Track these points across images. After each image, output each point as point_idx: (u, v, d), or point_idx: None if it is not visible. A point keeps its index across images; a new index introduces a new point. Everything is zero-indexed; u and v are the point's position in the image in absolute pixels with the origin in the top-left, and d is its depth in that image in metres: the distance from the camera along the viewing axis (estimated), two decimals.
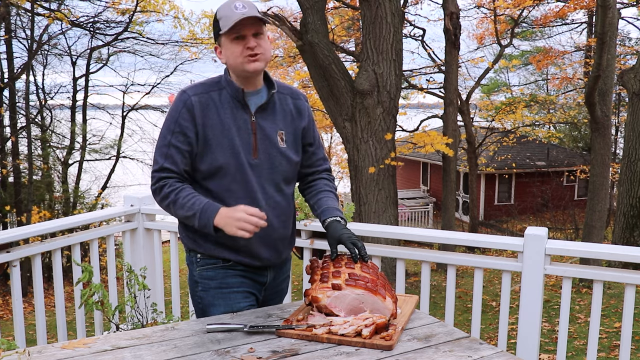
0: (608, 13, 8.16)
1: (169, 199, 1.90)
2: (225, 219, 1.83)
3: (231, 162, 1.91)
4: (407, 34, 14.61)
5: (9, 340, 1.86)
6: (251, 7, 1.89)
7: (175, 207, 1.90)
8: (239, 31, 1.88)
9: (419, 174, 23.55)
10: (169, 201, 1.91)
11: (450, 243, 2.68)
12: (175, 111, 1.93)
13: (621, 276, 2.32)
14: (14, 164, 12.70)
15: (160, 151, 1.93)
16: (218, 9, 1.93)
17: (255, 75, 1.95)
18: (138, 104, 16.71)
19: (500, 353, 1.58)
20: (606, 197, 9.94)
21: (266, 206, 1.98)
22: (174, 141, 1.91)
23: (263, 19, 1.89)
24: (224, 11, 1.90)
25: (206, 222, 1.85)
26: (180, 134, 1.91)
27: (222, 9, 1.91)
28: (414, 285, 9.30)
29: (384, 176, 7.18)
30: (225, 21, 1.88)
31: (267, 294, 2.13)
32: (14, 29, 12.77)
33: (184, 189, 1.90)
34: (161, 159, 1.92)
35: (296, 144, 2.07)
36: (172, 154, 1.91)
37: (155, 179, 1.93)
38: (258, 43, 1.90)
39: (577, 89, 19.21)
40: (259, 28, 1.91)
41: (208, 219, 1.85)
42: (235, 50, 1.90)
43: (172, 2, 13.47)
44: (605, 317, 7.05)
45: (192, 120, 1.91)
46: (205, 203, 1.87)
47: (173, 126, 1.92)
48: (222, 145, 1.91)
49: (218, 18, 1.92)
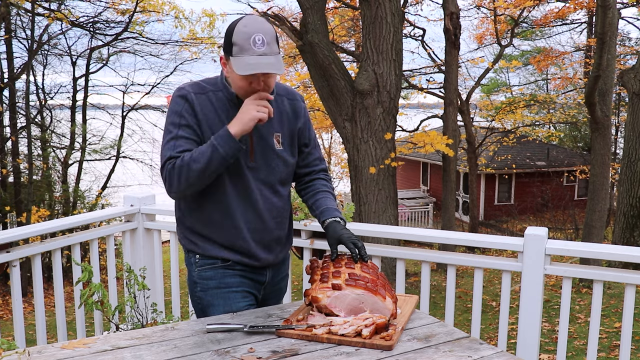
0: (608, 13, 8.16)
1: (183, 167, 1.82)
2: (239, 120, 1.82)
3: (229, 165, 1.88)
4: (407, 34, 14.62)
5: (8, 340, 1.86)
6: (270, 45, 1.79)
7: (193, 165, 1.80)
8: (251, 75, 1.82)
9: (419, 174, 23.55)
10: (185, 167, 1.81)
11: (450, 243, 2.68)
12: (177, 105, 1.90)
13: (621, 276, 2.32)
14: (14, 164, 12.69)
15: (168, 145, 1.88)
16: (235, 31, 1.80)
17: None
18: (138, 104, 16.71)
19: (500, 353, 1.58)
20: (606, 197, 9.94)
21: (263, 208, 1.98)
22: (181, 133, 1.87)
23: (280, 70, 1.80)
24: (240, 39, 1.78)
25: (226, 141, 1.80)
26: (186, 127, 1.88)
27: (240, 35, 1.78)
28: (414, 285, 9.30)
29: (384, 176, 7.18)
30: (240, 53, 1.78)
31: (266, 292, 2.13)
32: (14, 29, 12.77)
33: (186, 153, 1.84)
34: (169, 151, 1.86)
35: (292, 145, 2.06)
36: (180, 144, 1.86)
37: (166, 170, 1.86)
38: (265, 82, 1.85)
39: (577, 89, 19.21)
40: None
41: (226, 137, 1.80)
42: (241, 84, 1.85)
43: (172, 2, 13.48)
44: (605, 317, 7.05)
45: (194, 115, 1.89)
46: (213, 136, 1.83)
47: (178, 119, 1.89)
48: None
49: (233, 42, 1.80)
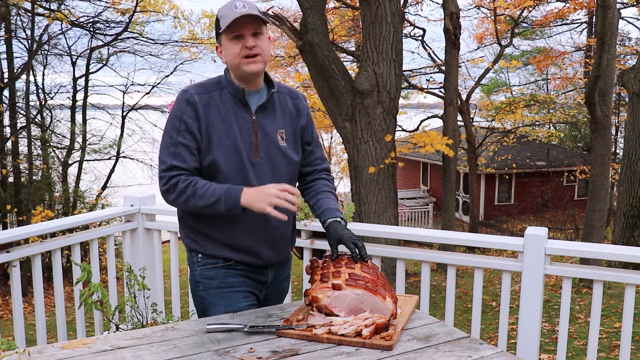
0: (608, 13, 8.16)
1: (187, 192, 1.87)
2: (253, 196, 1.82)
3: (233, 161, 1.91)
4: (407, 34, 14.61)
5: (8, 340, 1.86)
6: (251, 7, 1.89)
7: (195, 199, 1.86)
8: (237, 30, 1.87)
9: (419, 174, 23.55)
10: (187, 195, 1.87)
11: (450, 243, 2.68)
12: (179, 109, 1.91)
13: (621, 276, 2.32)
14: (14, 164, 12.69)
15: (168, 150, 1.90)
16: (219, 9, 1.93)
17: (255, 76, 1.94)
18: (138, 104, 16.71)
19: (500, 353, 1.58)
20: (606, 197, 9.93)
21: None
22: (182, 139, 1.89)
23: (263, 19, 1.88)
24: (224, 10, 1.89)
25: (233, 203, 1.83)
26: (186, 132, 1.89)
27: (223, 8, 1.91)
28: (414, 285, 9.30)
29: (384, 176, 7.18)
30: (225, 20, 1.88)
31: (268, 292, 2.13)
32: (14, 29, 12.77)
33: (199, 180, 1.88)
34: (169, 158, 1.89)
35: (296, 143, 2.08)
36: (180, 152, 1.89)
37: (166, 178, 1.89)
38: (257, 43, 1.89)
39: (577, 89, 19.21)
40: (259, 27, 1.90)
41: (235, 199, 1.83)
42: (234, 49, 1.89)
43: (172, 2, 13.48)
44: (605, 317, 7.05)
45: (196, 117, 1.90)
46: (227, 187, 1.86)
47: (179, 124, 1.90)
48: (224, 144, 1.91)
49: (219, 17, 1.92)
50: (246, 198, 1.83)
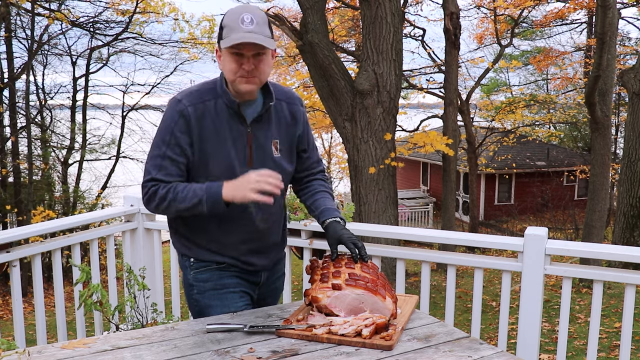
0: (608, 13, 8.16)
1: (168, 198, 1.83)
2: (234, 186, 1.79)
3: (225, 174, 1.86)
4: (407, 34, 14.61)
5: (8, 341, 1.86)
6: (259, 25, 1.78)
7: (176, 203, 1.83)
8: (239, 49, 1.79)
9: (419, 174, 23.55)
10: (168, 200, 1.83)
11: (450, 243, 2.68)
12: (170, 121, 1.85)
13: (621, 276, 2.32)
14: (14, 164, 12.70)
15: (154, 162, 1.86)
16: (226, 14, 1.82)
17: (249, 93, 1.89)
18: (138, 104, 16.73)
19: (500, 353, 1.58)
20: (606, 197, 9.93)
21: (259, 216, 1.97)
22: (169, 153, 1.85)
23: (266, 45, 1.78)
24: (229, 21, 1.79)
25: (215, 199, 1.80)
26: (176, 146, 1.85)
27: (230, 16, 1.80)
28: (414, 285, 9.30)
29: (384, 176, 7.18)
30: (229, 33, 1.78)
31: (261, 292, 2.12)
32: (14, 29, 12.77)
33: (178, 185, 1.85)
34: (154, 170, 1.85)
35: (291, 152, 2.04)
36: (166, 165, 1.85)
37: (147, 187, 1.86)
38: (256, 65, 1.81)
39: (577, 89, 19.21)
40: (262, 48, 1.80)
41: (216, 195, 1.80)
42: (231, 65, 1.82)
43: (172, 5, 13.47)
44: (605, 317, 7.05)
45: (188, 131, 1.84)
46: (207, 184, 1.82)
47: (168, 137, 1.85)
48: (217, 157, 1.87)
49: (223, 25, 1.81)
50: (227, 191, 1.79)
